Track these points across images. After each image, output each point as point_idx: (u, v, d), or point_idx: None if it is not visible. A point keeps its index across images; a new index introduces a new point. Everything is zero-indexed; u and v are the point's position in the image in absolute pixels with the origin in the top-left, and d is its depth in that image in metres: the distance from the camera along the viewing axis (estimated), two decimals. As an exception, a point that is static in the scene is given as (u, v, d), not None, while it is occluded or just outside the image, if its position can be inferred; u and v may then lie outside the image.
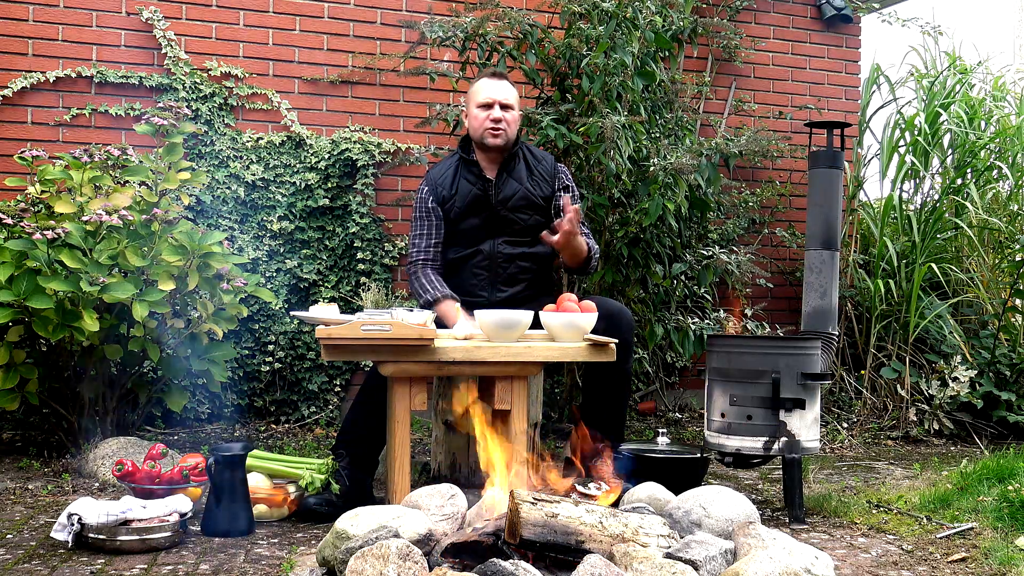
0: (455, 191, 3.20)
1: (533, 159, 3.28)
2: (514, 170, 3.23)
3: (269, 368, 4.11)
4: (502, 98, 3.18)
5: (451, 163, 3.28)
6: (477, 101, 3.19)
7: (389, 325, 2.49)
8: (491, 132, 3.16)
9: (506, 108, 3.18)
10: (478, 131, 3.19)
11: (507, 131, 3.18)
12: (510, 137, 3.20)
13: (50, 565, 2.25)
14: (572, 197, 3.25)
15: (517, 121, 3.24)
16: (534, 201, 3.21)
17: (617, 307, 3.06)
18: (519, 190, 3.20)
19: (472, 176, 3.21)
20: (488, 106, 3.17)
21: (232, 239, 4.04)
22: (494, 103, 3.17)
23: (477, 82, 3.26)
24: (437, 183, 3.23)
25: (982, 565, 2.40)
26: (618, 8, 3.77)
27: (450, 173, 3.24)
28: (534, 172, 3.24)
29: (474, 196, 3.19)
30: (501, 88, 3.20)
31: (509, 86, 3.24)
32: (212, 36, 4.16)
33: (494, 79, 3.23)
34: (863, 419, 4.57)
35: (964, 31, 10.55)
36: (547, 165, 3.29)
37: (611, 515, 2.05)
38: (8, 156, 3.76)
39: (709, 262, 4.25)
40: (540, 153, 3.33)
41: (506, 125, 3.17)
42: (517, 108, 3.24)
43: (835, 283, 3.02)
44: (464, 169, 3.23)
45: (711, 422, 2.93)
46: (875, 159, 5.21)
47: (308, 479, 2.77)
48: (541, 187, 3.24)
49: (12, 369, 3.18)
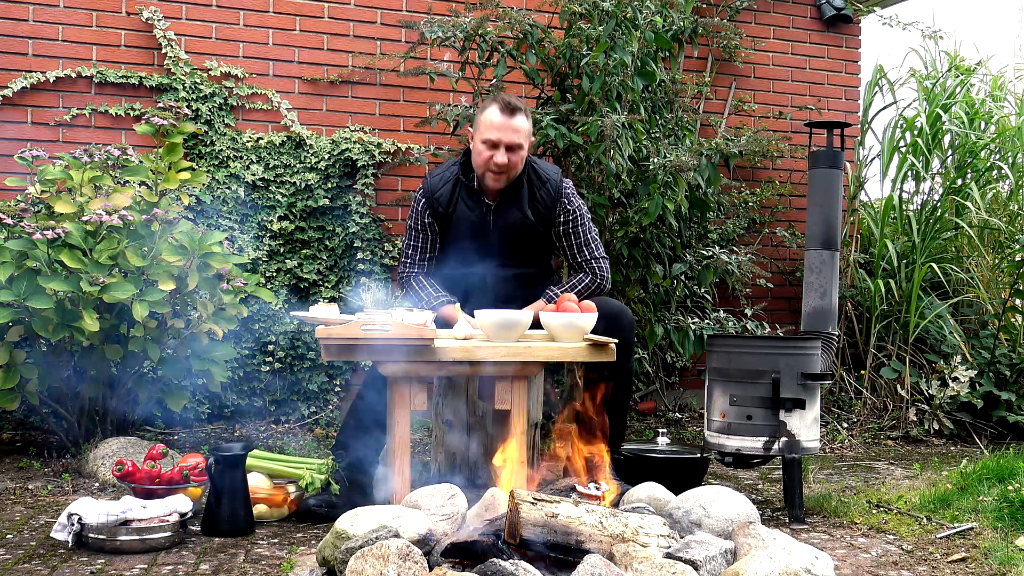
0: (452, 210, 3.08)
1: (537, 181, 3.09)
2: (515, 196, 3.06)
3: (269, 368, 4.11)
4: (509, 140, 2.95)
5: (450, 178, 3.10)
6: (483, 136, 2.97)
7: (389, 325, 2.49)
8: (493, 176, 3.00)
9: (513, 149, 2.96)
10: (480, 167, 3.01)
11: (509, 175, 3.00)
12: (512, 177, 3.03)
13: (50, 565, 2.25)
14: (581, 225, 3.11)
15: (524, 157, 3.03)
16: (534, 229, 3.09)
17: (617, 307, 3.05)
18: (519, 217, 3.06)
19: (471, 201, 3.08)
20: (494, 146, 2.96)
21: (232, 239, 4.03)
22: (500, 145, 2.95)
23: (487, 111, 3.00)
24: (434, 198, 3.09)
25: (982, 565, 2.40)
26: (618, 8, 3.77)
27: (448, 190, 3.08)
28: (536, 197, 3.07)
29: (472, 222, 3.07)
30: (510, 129, 2.95)
31: (522, 122, 2.98)
32: (212, 36, 4.16)
33: (505, 115, 2.96)
34: (863, 419, 4.57)
35: (964, 30, 10.56)
36: (550, 188, 3.08)
37: (611, 515, 2.06)
38: (8, 156, 3.76)
39: (709, 262, 4.25)
40: (545, 171, 3.12)
41: (510, 168, 2.98)
42: (527, 144, 3.02)
43: (835, 283, 3.03)
44: (463, 191, 3.08)
45: (711, 422, 2.93)
46: (876, 160, 5.21)
47: (308, 479, 2.77)
48: (541, 214, 3.07)
49: (12, 369, 3.18)
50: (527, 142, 3.02)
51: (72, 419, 3.40)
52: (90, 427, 3.40)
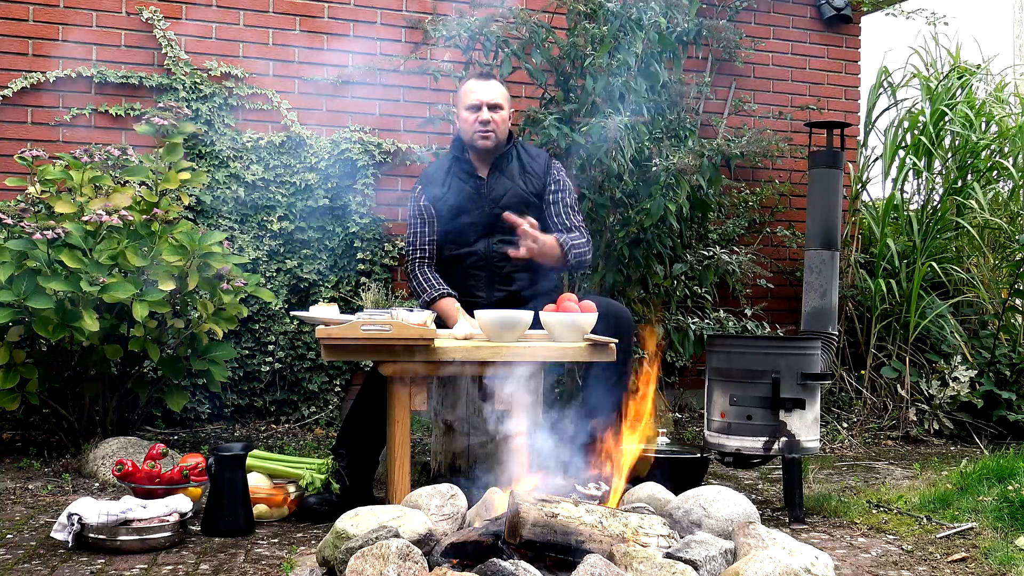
0: (447, 189, 3.20)
1: (527, 156, 3.27)
2: (506, 168, 3.22)
3: (269, 368, 4.11)
4: (489, 99, 3.15)
5: (444, 163, 3.28)
6: (465, 103, 3.18)
7: (389, 325, 2.49)
8: (480, 135, 3.15)
9: (494, 108, 3.16)
10: (468, 133, 3.18)
11: (496, 132, 3.16)
12: (500, 138, 3.19)
13: (50, 565, 2.25)
14: (564, 192, 3.25)
15: (507, 120, 3.22)
16: (526, 199, 3.20)
17: (617, 307, 3.06)
18: (511, 188, 3.19)
19: (464, 175, 3.21)
20: (476, 108, 3.15)
21: (232, 239, 4.03)
22: (482, 105, 3.14)
23: (465, 83, 3.24)
24: (430, 181, 3.23)
25: (982, 565, 2.40)
26: (623, 8, 3.77)
27: (443, 172, 3.24)
28: (527, 169, 3.23)
29: (466, 195, 3.18)
30: (489, 89, 3.18)
31: (497, 85, 3.22)
32: (212, 36, 4.16)
33: (481, 80, 3.21)
34: (863, 419, 4.57)
35: (964, 30, 10.56)
36: (540, 162, 3.27)
37: (611, 515, 2.05)
38: (8, 156, 3.76)
39: (710, 262, 4.25)
40: (534, 150, 3.31)
41: (495, 126, 3.15)
42: (507, 107, 3.22)
43: (835, 283, 3.03)
44: (456, 168, 3.23)
45: (711, 422, 2.93)
46: (879, 160, 5.21)
47: (308, 479, 2.77)
48: (533, 184, 3.23)
49: (12, 369, 3.18)
50: (507, 104, 3.22)
51: (72, 419, 3.40)
52: (90, 427, 3.40)
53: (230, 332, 3.61)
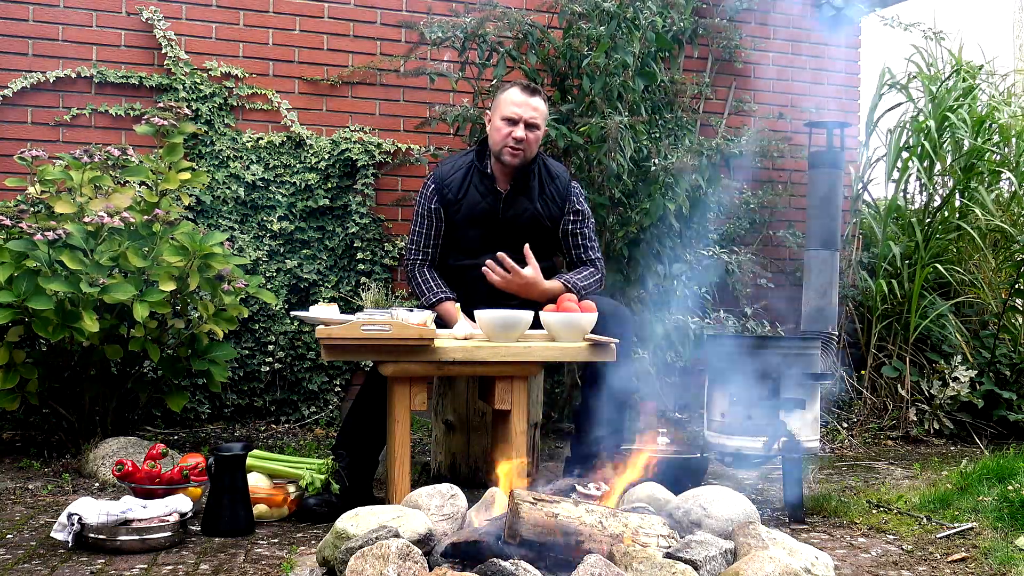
0: (462, 196, 3.11)
1: (547, 175, 3.16)
2: (526, 187, 3.11)
3: (269, 368, 4.11)
4: (528, 117, 3.03)
5: (463, 165, 3.16)
6: (503, 113, 3.05)
7: (389, 325, 2.49)
8: (511, 151, 3.04)
9: (531, 127, 3.04)
10: (498, 144, 3.06)
11: (527, 152, 3.06)
12: (528, 157, 3.09)
13: (50, 565, 2.25)
14: (582, 223, 3.17)
15: (539, 139, 3.11)
16: (542, 223, 3.13)
17: (617, 307, 3.05)
18: (529, 209, 3.10)
19: (483, 187, 3.11)
20: (513, 122, 3.03)
21: (232, 239, 4.04)
22: (520, 120, 3.03)
23: (507, 91, 3.09)
24: (445, 184, 3.13)
25: (982, 565, 2.40)
26: (619, 8, 3.77)
27: (459, 176, 3.13)
28: (546, 191, 3.13)
29: (482, 209, 3.10)
30: (530, 105, 3.05)
31: (539, 103, 3.08)
32: (212, 36, 4.16)
33: (526, 93, 3.06)
34: (863, 419, 4.56)
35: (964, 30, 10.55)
36: (560, 185, 3.16)
37: (611, 515, 2.05)
38: (8, 156, 3.76)
39: (709, 262, 4.25)
40: (555, 168, 3.20)
41: (527, 146, 3.04)
42: (543, 126, 3.11)
43: (835, 283, 3.03)
44: (476, 177, 3.12)
45: (711, 422, 2.93)
46: (880, 161, 5.21)
47: (308, 479, 2.77)
48: (551, 208, 3.14)
49: (12, 369, 3.18)
50: (543, 124, 3.12)
51: (72, 419, 3.40)
52: (90, 427, 3.40)
53: (230, 332, 3.61)
